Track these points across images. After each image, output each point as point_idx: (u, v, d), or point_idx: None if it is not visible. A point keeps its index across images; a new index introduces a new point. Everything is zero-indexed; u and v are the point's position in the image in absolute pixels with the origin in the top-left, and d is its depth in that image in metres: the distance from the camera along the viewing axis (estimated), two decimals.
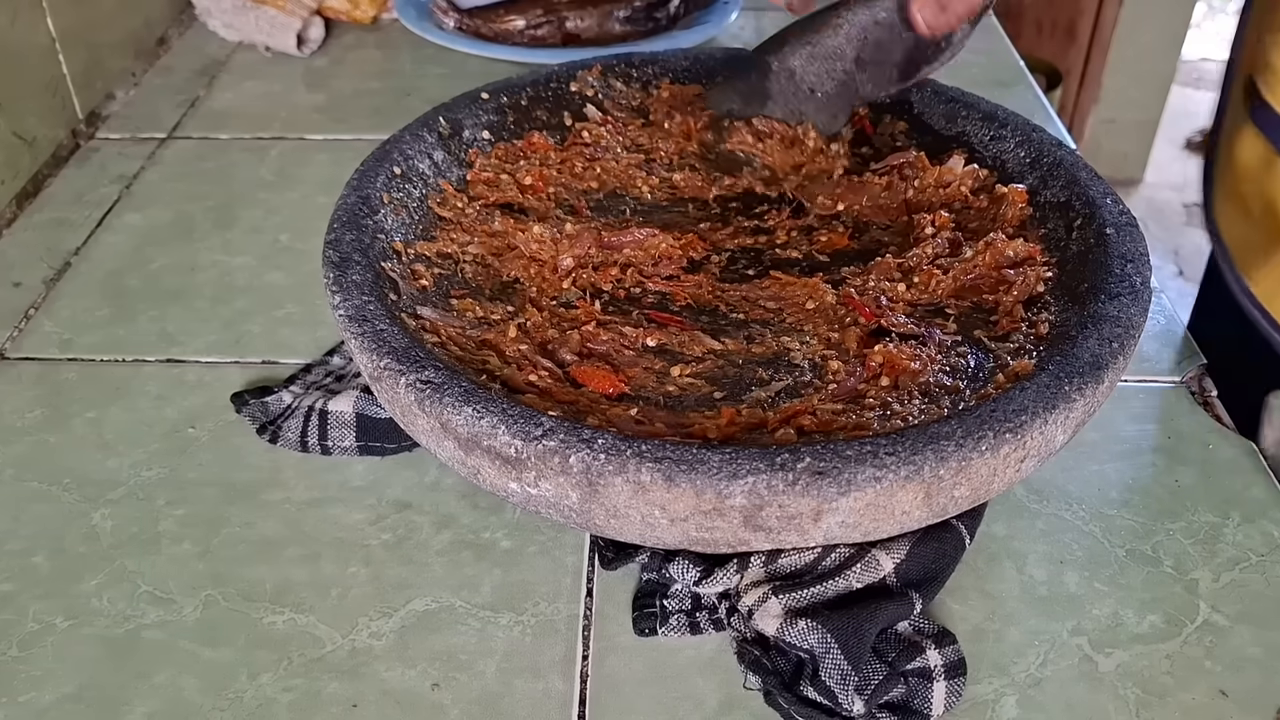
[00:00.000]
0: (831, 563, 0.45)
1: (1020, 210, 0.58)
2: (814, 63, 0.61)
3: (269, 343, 0.62)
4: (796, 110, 0.62)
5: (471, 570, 0.48)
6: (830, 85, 0.62)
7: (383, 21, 1.01)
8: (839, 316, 0.54)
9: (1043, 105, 0.88)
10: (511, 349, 0.50)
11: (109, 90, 0.87)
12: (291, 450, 0.54)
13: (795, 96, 0.62)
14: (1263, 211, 0.61)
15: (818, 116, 0.63)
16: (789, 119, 0.63)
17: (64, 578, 0.48)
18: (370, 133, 0.83)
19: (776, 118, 0.63)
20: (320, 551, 0.49)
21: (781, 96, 0.62)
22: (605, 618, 0.46)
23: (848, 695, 0.41)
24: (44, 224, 0.72)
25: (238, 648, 0.45)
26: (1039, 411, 0.42)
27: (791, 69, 0.61)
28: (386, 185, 0.57)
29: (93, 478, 0.53)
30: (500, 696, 0.43)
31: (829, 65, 0.61)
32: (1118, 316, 0.47)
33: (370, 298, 0.48)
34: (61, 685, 0.44)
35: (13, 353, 0.61)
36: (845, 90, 0.63)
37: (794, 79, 0.61)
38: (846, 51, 0.61)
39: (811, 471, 0.39)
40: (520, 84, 0.67)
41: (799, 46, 0.61)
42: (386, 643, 0.45)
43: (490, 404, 0.42)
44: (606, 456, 0.40)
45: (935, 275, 0.54)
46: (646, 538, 0.42)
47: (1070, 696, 0.43)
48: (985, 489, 0.42)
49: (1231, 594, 0.47)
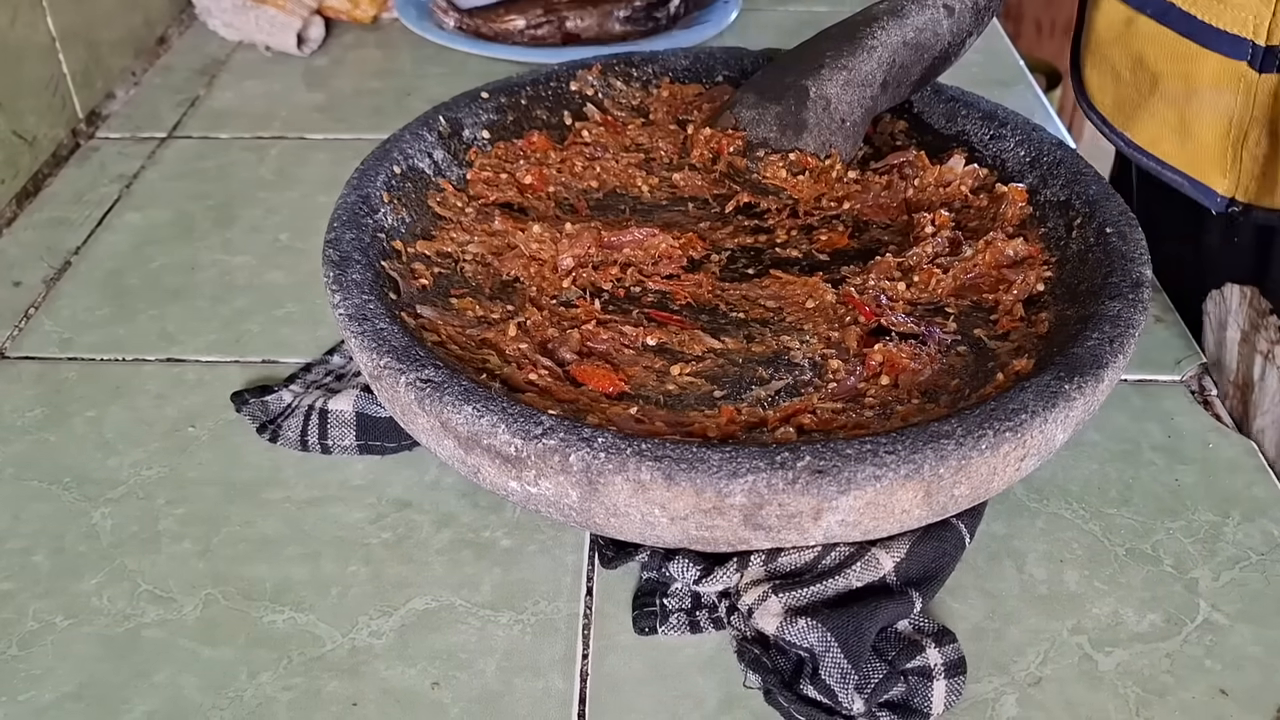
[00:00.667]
0: (831, 561, 0.45)
1: (1020, 209, 0.58)
2: (849, 90, 0.59)
3: (269, 342, 0.62)
4: (828, 142, 0.61)
5: (471, 569, 0.48)
6: (859, 114, 0.60)
7: (383, 21, 1.01)
8: (839, 315, 0.54)
9: (1043, 104, 0.88)
10: (511, 348, 0.50)
11: (109, 89, 0.87)
12: (291, 449, 0.54)
13: (828, 127, 0.60)
14: (1132, 67, 0.64)
15: (844, 146, 0.61)
16: (820, 151, 0.61)
17: (64, 576, 0.48)
18: (370, 132, 0.83)
19: (809, 151, 0.61)
20: (320, 550, 0.49)
21: (817, 128, 0.60)
22: (605, 616, 0.46)
23: (848, 694, 0.41)
24: (44, 223, 0.72)
25: (238, 646, 0.45)
26: (1039, 410, 0.42)
27: (828, 98, 0.59)
28: (386, 184, 0.57)
29: (93, 477, 0.53)
30: (500, 695, 0.43)
31: (861, 93, 0.60)
32: (1117, 315, 0.47)
33: (370, 296, 0.48)
34: (61, 684, 0.44)
35: (13, 352, 0.61)
36: (868, 116, 0.61)
37: (829, 109, 0.59)
38: (877, 77, 0.59)
39: (811, 470, 0.39)
40: (520, 83, 0.67)
41: (836, 71, 0.59)
42: (386, 641, 0.45)
43: (490, 403, 0.42)
44: (606, 455, 0.40)
45: (935, 274, 0.54)
46: (646, 536, 0.42)
47: (1070, 695, 0.43)
48: (985, 488, 0.42)
49: (1231, 593, 0.47)
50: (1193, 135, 0.62)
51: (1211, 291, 0.62)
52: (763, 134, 0.61)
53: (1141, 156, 0.65)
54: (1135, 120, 0.65)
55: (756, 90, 0.62)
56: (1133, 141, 0.65)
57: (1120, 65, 0.65)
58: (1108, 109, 0.67)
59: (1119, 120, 0.66)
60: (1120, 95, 0.66)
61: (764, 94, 0.62)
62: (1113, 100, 0.67)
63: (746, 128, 0.62)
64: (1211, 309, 0.62)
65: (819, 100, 0.59)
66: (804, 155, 0.61)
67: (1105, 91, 0.67)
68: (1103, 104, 0.67)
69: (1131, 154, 0.66)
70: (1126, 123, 0.66)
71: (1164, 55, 0.62)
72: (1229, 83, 0.59)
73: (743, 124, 0.62)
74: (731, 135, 0.62)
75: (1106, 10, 0.64)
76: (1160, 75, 0.62)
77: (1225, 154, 0.61)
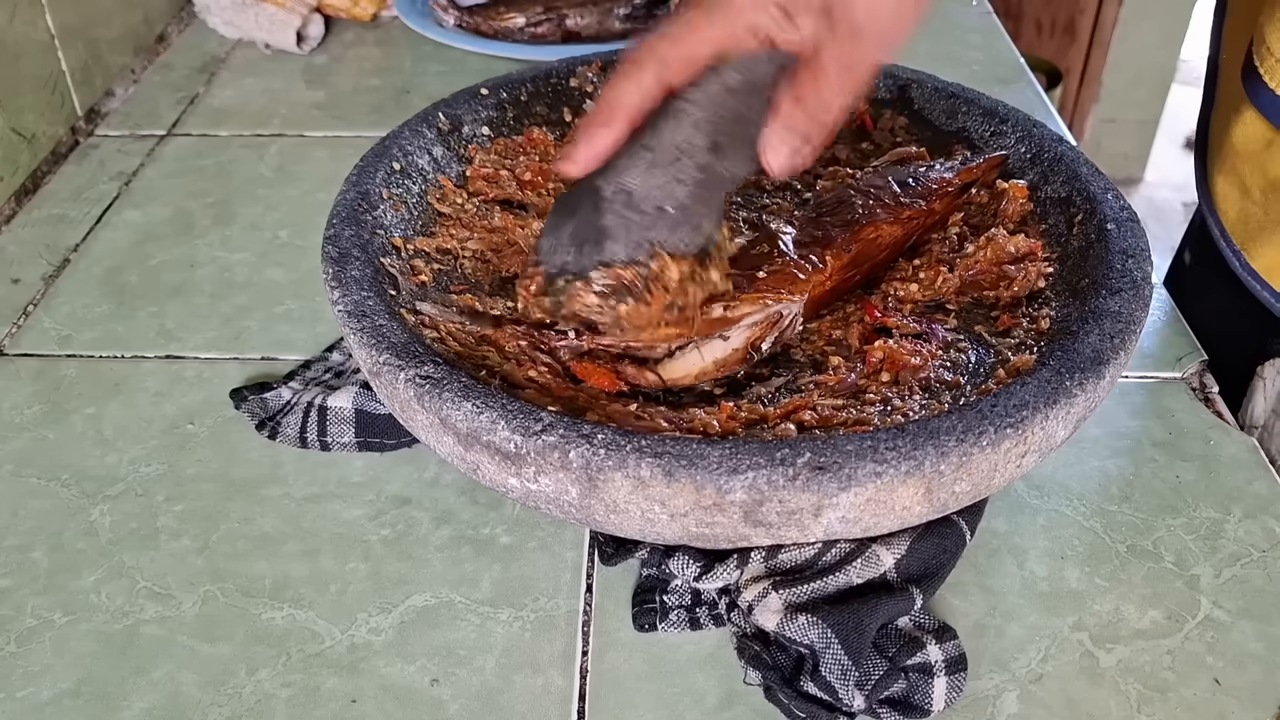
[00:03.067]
0: (832, 558, 0.44)
1: (1021, 206, 0.58)
2: (655, 173, 0.46)
3: (268, 339, 0.61)
4: (644, 241, 0.46)
5: (471, 566, 0.48)
6: (684, 193, 0.46)
7: (382, 19, 1.01)
8: (844, 314, 0.53)
9: (1043, 102, 0.87)
10: (511, 344, 0.50)
11: (108, 87, 0.87)
12: (290, 446, 0.54)
13: (640, 224, 0.46)
14: (1264, 189, 0.61)
15: (673, 238, 0.46)
16: (636, 254, 0.46)
17: (62, 573, 0.48)
18: (370, 130, 0.83)
19: (620, 261, 0.46)
20: (319, 547, 0.49)
21: (622, 229, 0.46)
22: (605, 613, 0.46)
23: (848, 690, 0.41)
24: (43, 220, 0.72)
25: (236, 643, 0.45)
26: (1040, 406, 0.42)
27: (629, 190, 0.46)
28: (386, 181, 0.57)
29: (92, 473, 0.53)
30: (499, 692, 0.43)
31: (677, 170, 0.46)
32: (1119, 312, 0.47)
33: (369, 293, 0.48)
34: (60, 681, 0.44)
35: (12, 349, 0.61)
36: (707, 186, 0.47)
37: (632, 202, 0.46)
38: (697, 142, 0.46)
39: (812, 466, 0.39)
40: (520, 79, 0.67)
41: (635, 158, 0.46)
42: (386, 638, 0.45)
43: (490, 399, 0.42)
44: (606, 451, 0.40)
45: (941, 272, 0.54)
46: (646, 533, 0.42)
47: (1071, 692, 0.43)
48: (986, 484, 0.42)
49: (1233, 589, 0.47)
50: None
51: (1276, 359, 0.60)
52: (559, 260, 0.47)
53: (1254, 281, 0.62)
54: (1256, 242, 0.62)
55: (554, 211, 0.49)
56: (1249, 264, 0.63)
57: (1251, 183, 0.62)
58: (1230, 221, 0.64)
59: (1239, 236, 0.63)
60: (1246, 212, 0.63)
61: (558, 212, 0.48)
62: (1237, 214, 0.64)
63: (543, 260, 0.47)
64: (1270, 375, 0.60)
65: (616, 198, 0.46)
66: (614, 270, 0.46)
67: (1230, 201, 0.64)
68: (1225, 213, 0.64)
69: (1244, 276, 0.63)
70: (1247, 242, 0.63)
71: None
72: None
73: (540, 256, 0.48)
74: (532, 274, 0.47)
75: (1248, 125, 0.61)
76: None
77: None
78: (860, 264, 0.53)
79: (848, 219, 0.54)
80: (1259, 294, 0.62)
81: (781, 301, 0.49)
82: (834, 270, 0.52)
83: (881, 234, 0.54)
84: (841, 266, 0.52)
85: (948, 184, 0.57)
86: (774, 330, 0.49)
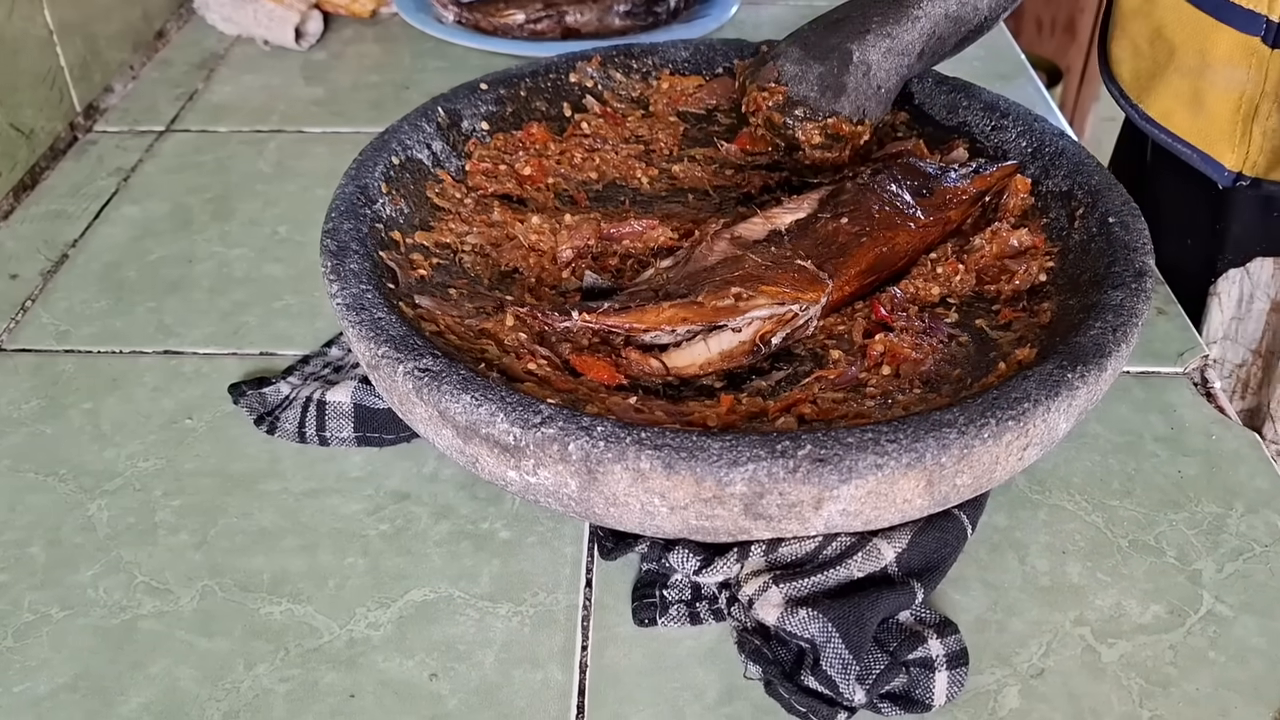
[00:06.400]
0: (832, 552, 0.44)
1: (1023, 200, 0.57)
2: (889, 58, 0.60)
3: (267, 334, 0.61)
4: (862, 107, 0.61)
5: (470, 560, 0.48)
6: (894, 81, 0.61)
7: (382, 15, 1.01)
8: (849, 310, 0.53)
9: (1044, 97, 0.87)
10: (510, 338, 0.50)
11: (107, 83, 0.86)
12: (289, 441, 0.54)
13: (865, 93, 0.61)
14: (1150, 39, 0.66)
15: (876, 112, 0.62)
16: (854, 115, 0.61)
17: (60, 568, 0.48)
18: (369, 126, 0.83)
19: (844, 115, 0.61)
20: (318, 542, 0.49)
21: (855, 93, 0.61)
22: (605, 608, 0.46)
23: (849, 685, 0.41)
24: (41, 216, 0.72)
25: (234, 638, 0.45)
26: (1041, 399, 0.41)
27: (870, 64, 0.60)
28: (385, 175, 0.57)
29: (89, 468, 0.53)
30: (499, 687, 0.43)
31: (899, 61, 0.61)
32: (1120, 305, 0.46)
33: (368, 286, 0.48)
34: (57, 675, 0.43)
35: (10, 344, 0.61)
36: (900, 83, 0.62)
37: (869, 75, 0.60)
38: (915, 47, 0.60)
39: (812, 459, 0.39)
40: (519, 75, 0.67)
41: (880, 39, 0.60)
42: (384, 633, 0.45)
43: (488, 392, 0.41)
44: (606, 444, 0.39)
45: (958, 269, 0.54)
46: (646, 526, 0.42)
47: (1073, 687, 0.43)
48: (987, 477, 0.42)
49: (1235, 584, 0.47)
50: (1205, 109, 0.63)
51: (1228, 271, 0.62)
52: (803, 92, 0.62)
53: (1154, 129, 0.66)
54: (1150, 92, 0.66)
55: (802, 46, 0.63)
56: (1146, 114, 0.67)
57: (1140, 37, 0.66)
58: (1125, 80, 0.68)
59: (1135, 91, 0.68)
60: (1138, 67, 0.67)
61: (809, 52, 0.62)
62: (1130, 72, 0.68)
63: (789, 83, 0.62)
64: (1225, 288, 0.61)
65: (861, 65, 0.60)
66: (840, 121, 0.61)
67: (1124, 64, 0.68)
68: (1121, 75, 0.69)
69: (1144, 126, 0.67)
70: (1142, 94, 0.67)
71: (1182, 27, 0.63)
72: (1242, 57, 0.60)
73: (785, 79, 0.62)
74: (773, 90, 0.62)
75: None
76: (1177, 47, 0.63)
77: (1235, 128, 0.62)
78: (879, 270, 0.54)
79: (864, 225, 0.55)
80: (1157, 138, 0.67)
81: (800, 301, 0.50)
82: (853, 278, 0.53)
83: (899, 243, 0.55)
84: (860, 273, 0.53)
85: (963, 192, 0.57)
86: (786, 327, 0.50)
